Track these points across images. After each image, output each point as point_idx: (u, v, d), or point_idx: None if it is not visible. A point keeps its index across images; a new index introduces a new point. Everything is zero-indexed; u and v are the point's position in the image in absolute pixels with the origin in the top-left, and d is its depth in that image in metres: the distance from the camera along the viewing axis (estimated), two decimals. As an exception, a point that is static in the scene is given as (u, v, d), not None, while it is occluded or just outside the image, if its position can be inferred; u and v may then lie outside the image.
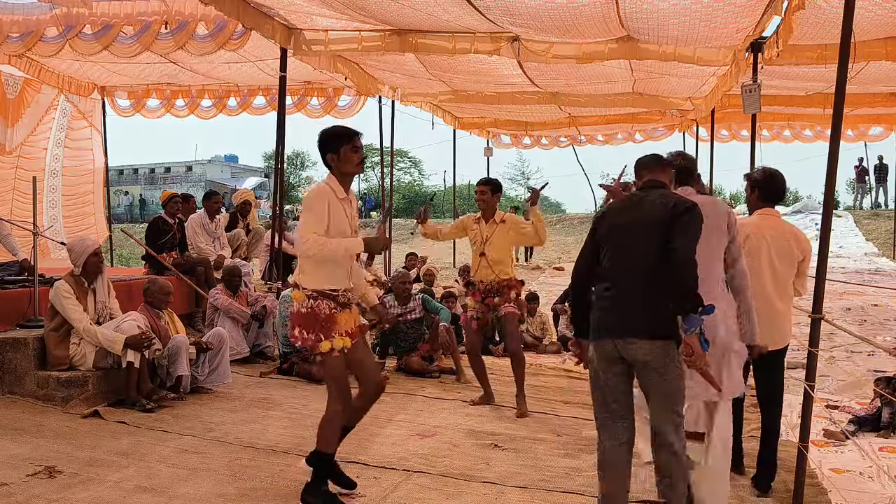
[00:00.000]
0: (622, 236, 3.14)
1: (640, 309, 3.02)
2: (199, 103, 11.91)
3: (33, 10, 8.38)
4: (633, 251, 3.09)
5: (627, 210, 3.22)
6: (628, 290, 3.06)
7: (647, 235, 3.06)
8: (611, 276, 3.14)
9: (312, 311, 3.53)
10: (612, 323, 3.08)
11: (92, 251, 5.46)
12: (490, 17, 6.87)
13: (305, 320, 3.54)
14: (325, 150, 3.60)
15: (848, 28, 3.45)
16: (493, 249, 5.59)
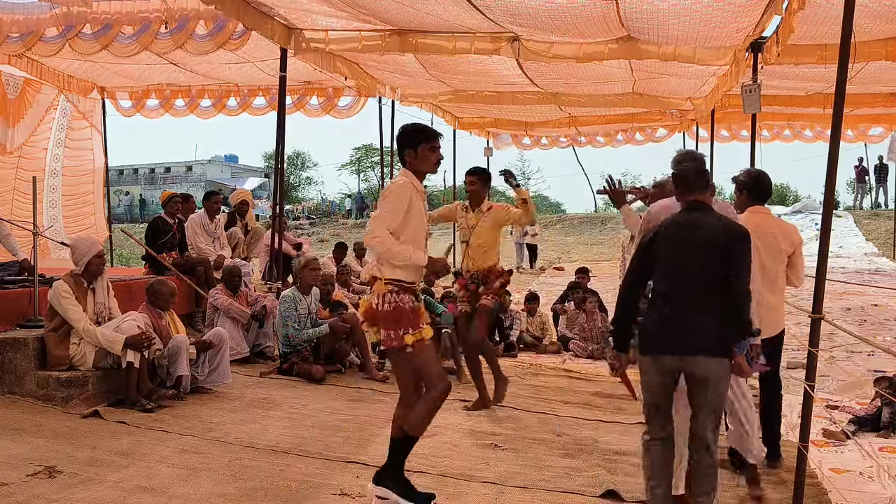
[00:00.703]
0: (683, 255, 3.27)
1: (705, 328, 3.20)
2: (198, 103, 11.91)
3: (33, 10, 8.38)
4: (695, 271, 3.25)
5: (686, 230, 3.32)
6: (691, 308, 3.23)
7: (709, 257, 3.23)
8: (671, 293, 3.29)
9: (398, 307, 3.51)
10: (674, 339, 3.23)
11: (95, 252, 5.47)
12: (490, 16, 6.87)
13: (393, 318, 3.50)
14: (404, 145, 3.63)
15: (848, 28, 3.45)
16: (477, 238, 5.57)
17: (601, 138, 15.99)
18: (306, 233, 26.11)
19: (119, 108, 12.28)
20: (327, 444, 4.57)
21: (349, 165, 47.49)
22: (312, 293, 6.86)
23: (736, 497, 3.91)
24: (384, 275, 3.52)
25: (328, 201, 42.85)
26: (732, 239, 3.24)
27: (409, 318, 3.52)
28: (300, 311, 6.62)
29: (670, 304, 3.26)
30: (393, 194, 3.53)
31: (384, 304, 3.51)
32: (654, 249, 3.37)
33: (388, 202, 3.52)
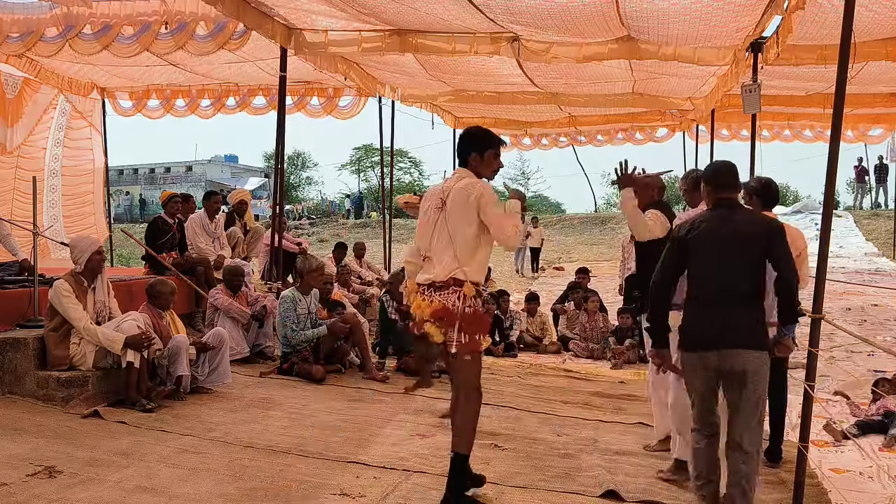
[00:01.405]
0: (723, 252, 3.34)
1: (745, 322, 3.30)
2: (199, 103, 11.91)
3: (33, 10, 8.39)
4: (736, 267, 3.33)
5: (722, 227, 3.39)
6: (733, 303, 3.31)
7: (748, 251, 3.33)
8: (710, 289, 3.36)
9: (477, 311, 3.55)
10: (715, 335, 3.31)
11: (95, 249, 5.47)
12: (490, 15, 6.88)
13: (473, 321, 3.52)
14: (471, 147, 3.66)
15: (848, 28, 3.45)
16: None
17: (601, 137, 15.98)
18: (306, 233, 26.12)
19: (119, 108, 12.28)
20: (327, 444, 4.57)
21: (349, 165, 47.52)
22: (312, 293, 6.86)
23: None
24: (470, 277, 3.53)
25: (328, 201, 42.90)
26: (772, 232, 3.35)
27: (486, 324, 3.61)
28: (299, 312, 6.63)
29: (710, 300, 3.35)
30: (493, 195, 3.56)
31: (465, 307, 3.50)
32: (688, 247, 3.43)
33: (495, 203, 3.55)
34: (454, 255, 3.55)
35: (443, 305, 3.52)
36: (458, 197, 3.58)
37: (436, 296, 3.56)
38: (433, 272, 3.61)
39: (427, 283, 3.62)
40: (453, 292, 3.52)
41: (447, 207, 3.61)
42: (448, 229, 3.59)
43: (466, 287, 3.51)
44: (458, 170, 3.73)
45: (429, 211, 3.71)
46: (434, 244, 3.64)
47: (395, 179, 24.00)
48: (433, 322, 3.54)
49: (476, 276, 3.56)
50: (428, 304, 3.57)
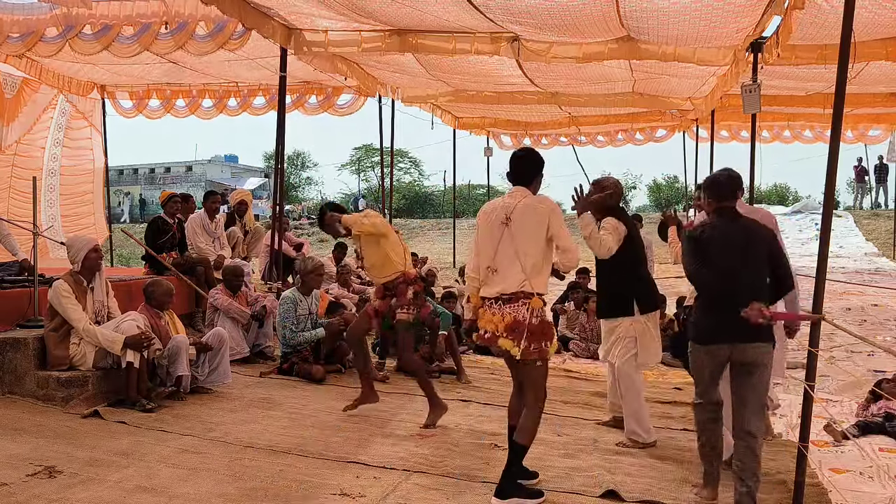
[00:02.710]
0: (735, 255, 3.64)
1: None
2: (199, 103, 11.92)
3: (33, 10, 8.38)
4: (748, 267, 3.65)
5: (732, 232, 3.72)
6: (745, 301, 3.50)
7: (758, 253, 3.68)
8: (723, 290, 3.64)
9: (543, 320, 3.73)
10: (730, 329, 3.58)
11: (91, 247, 5.47)
12: (490, 15, 6.87)
13: (541, 330, 3.71)
14: (535, 170, 3.94)
15: (848, 28, 3.45)
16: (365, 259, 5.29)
17: (602, 138, 15.99)
18: (306, 233, 26.10)
19: (120, 108, 12.28)
20: (327, 444, 4.57)
21: (349, 165, 47.50)
22: (313, 294, 6.86)
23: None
24: (536, 290, 3.72)
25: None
26: (771, 238, 3.75)
27: (552, 332, 3.78)
28: (300, 313, 6.62)
29: (723, 299, 3.61)
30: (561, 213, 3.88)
31: (533, 318, 3.70)
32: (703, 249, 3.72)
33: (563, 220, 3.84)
34: (521, 268, 3.74)
35: (513, 318, 3.71)
36: (526, 213, 3.78)
37: (506, 309, 3.75)
38: (501, 286, 3.78)
39: (495, 297, 3.80)
40: (522, 305, 3.72)
41: (513, 223, 3.79)
42: (514, 244, 3.77)
43: (534, 300, 3.72)
44: (517, 189, 3.92)
45: (492, 227, 3.88)
46: (499, 259, 3.82)
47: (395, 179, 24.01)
48: (506, 336, 3.73)
49: (542, 288, 3.78)
50: (500, 319, 3.76)
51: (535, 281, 3.73)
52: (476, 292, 3.97)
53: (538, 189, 3.96)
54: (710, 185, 3.88)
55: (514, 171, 3.96)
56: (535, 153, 4.04)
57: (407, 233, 23.60)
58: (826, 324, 3.56)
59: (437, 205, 38.96)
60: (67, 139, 12.21)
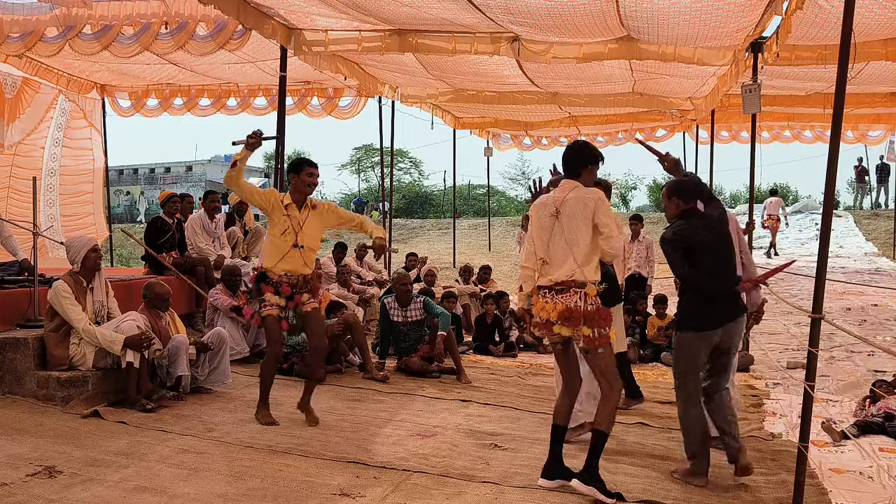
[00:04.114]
0: (719, 250, 4.09)
1: (738, 300, 4.21)
2: (198, 103, 11.92)
3: (33, 11, 8.40)
4: (728, 259, 4.16)
5: (710, 229, 4.12)
6: (730, 288, 4.11)
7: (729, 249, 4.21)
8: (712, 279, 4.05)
9: (599, 307, 3.80)
10: (721, 314, 4.07)
11: (91, 246, 5.46)
12: (490, 15, 6.88)
13: (597, 316, 3.79)
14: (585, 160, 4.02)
15: (848, 28, 3.45)
16: (307, 239, 4.99)
17: (602, 138, 16.00)
18: (306, 233, 26.08)
19: (118, 108, 12.28)
20: (327, 444, 4.57)
21: (349, 165, 47.50)
22: (313, 294, 6.85)
23: (737, 498, 3.91)
24: (588, 278, 3.83)
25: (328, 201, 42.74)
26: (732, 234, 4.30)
27: (610, 317, 3.84)
28: None
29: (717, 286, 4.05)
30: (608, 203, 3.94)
31: (587, 305, 3.79)
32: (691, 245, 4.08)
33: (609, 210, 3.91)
34: (572, 258, 3.86)
35: (566, 306, 3.80)
36: (575, 205, 3.89)
37: (559, 298, 3.85)
38: (553, 275, 3.89)
39: (548, 286, 3.90)
40: (575, 293, 3.81)
41: (562, 215, 3.91)
42: (565, 235, 3.89)
43: (589, 287, 3.81)
44: (566, 181, 4.02)
45: (542, 219, 4.00)
46: (551, 250, 3.93)
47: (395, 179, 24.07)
48: (561, 323, 3.82)
49: (594, 276, 3.86)
50: (553, 307, 3.85)
51: (587, 269, 3.84)
52: (528, 283, 4.09)
53: (590, 181, 4.02)
54: (679, 188, 4.22)
55: (564, 163, 4.09)
56: (587, 145, 4.15)
57: (407, 233, 23.60)
58: (826, 324, 3.56)
59: (437, 205, 38.98)
60: (67, 139, 12.21)
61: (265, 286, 4.96)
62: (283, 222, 4.91)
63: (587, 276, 3.83)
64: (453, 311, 8.52)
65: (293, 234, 4.91)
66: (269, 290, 4.95)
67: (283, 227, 4.91)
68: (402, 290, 7.13)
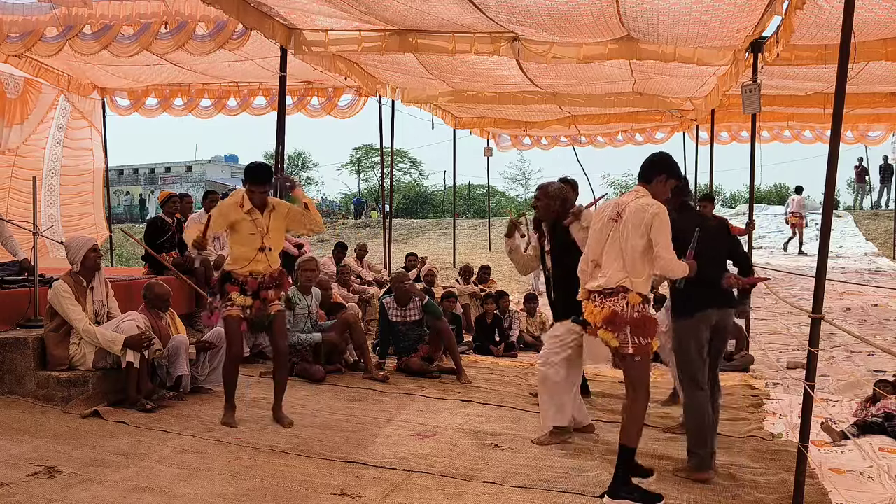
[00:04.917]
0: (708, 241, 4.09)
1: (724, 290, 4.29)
2: (198, 103, 11.92)
3: (33, 11, 8.40)
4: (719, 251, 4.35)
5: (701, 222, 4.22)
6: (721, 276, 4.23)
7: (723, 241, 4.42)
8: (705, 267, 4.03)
9: (645, 316, 3.79)
10: (717, 299, 4.21)
11: (90, 246, 5.46)
12: (490, 15, 6.88)
13: (643, 325, 3.77)
14: (660, 170, 3.96)
15: (848, 28, 3.45)
16: (273, 241, 4.97)
17: (601, 138, 16.01)
18: (306, 233, 26.09)
19: (116, 106, 12.27)
20: (327, 444, 4.57)
21: (349, 165, 47.53)
22: (313, 294, 6.86)
23: (735, 497, 3.91)
24: (636, 288, 3.80)
25: (328, 201, 42.86)
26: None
27: (655, 327, 3.85)
28: (298, 311, 6.62)
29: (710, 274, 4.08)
30: (667, 219, 3.81)
31: (633, 313, 3.77)
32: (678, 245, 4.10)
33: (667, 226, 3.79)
34: (623, 265, 3.82)
35: (612, 311, 3.78)
36: (635, 212, 3.83)
37: (606, 302, 3.82)
38: (603, 279, 3.87)
39: (598, 290, 3.88)
40: (622, 298, 3.79)
41: (622, 220, 3.86)
42: (620, 241, 3.85)
43: (632, 296, 3.78)
44: (637, 187, 3.98)
45: (602, 223, 3.96)
46: (605, 253, 3.91)
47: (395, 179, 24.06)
48: (605, 328, 3.80)
49: (643, 287, 3.82)
50: (599, 311, 3.83)
51: (637, 279, 3.80)
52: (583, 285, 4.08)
53: (663, 193, 3.95)
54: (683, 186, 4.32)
55: (641, 168, 4.06)
56: (667, 157, 4.08)
57: (407, 233, 23.60)
58: (826, 324, 3.56)
59: (437, 205, 38.99)
60: (68, 139, 12.20)
61: (230, 286, 4.94)
62: (249, 227, 4.88)
63: (635, 286, 3.78)
64: (453, 311, 8.52)
65: (260, 238, 4.89)
66: (234, 289, 4.92)
67: (249, 231, 4.89)
68: (401, 289, 7.13)
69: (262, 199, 4.92)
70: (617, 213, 3.89)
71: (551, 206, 4.98)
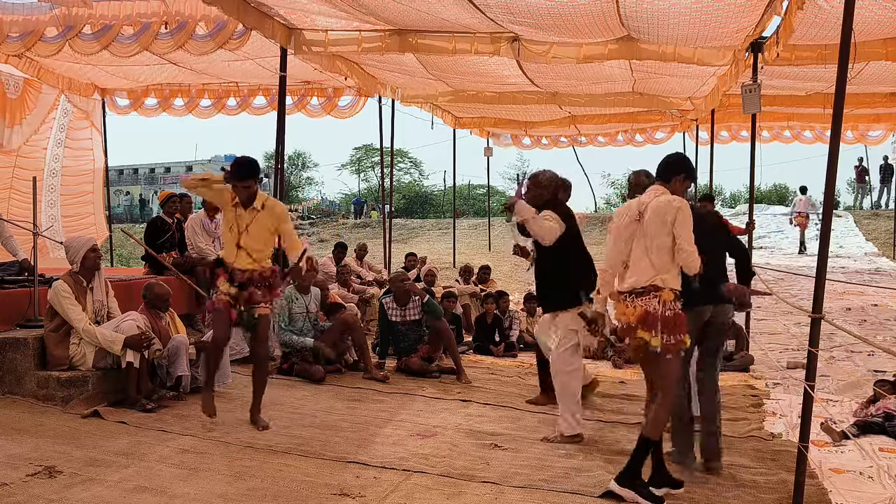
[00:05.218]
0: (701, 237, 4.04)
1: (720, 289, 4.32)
2: (198, 103, 11.90)
3: (33, 10, 8.39)
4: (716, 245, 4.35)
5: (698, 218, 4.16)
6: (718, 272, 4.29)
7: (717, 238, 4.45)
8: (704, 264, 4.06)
9: (677, 313, 3.82)
10: (714, 295, 4.23)
11: (90, 246, 5.47)
12: (490, 15, 6.88)
13: (675, 322, 3.79)
14: (680, 170, 4.03)
15: (848, 28, 3.45)
16: (250, 241, 4.85)
17: (602, 138, 16.00)
18: (306, 233, 26.11)
19: (115, 106, 12.26)
20: (327, 444, 4.57)
21: (349, 165, 47.53)
22: (312, 294, 6.86)
23: (738, 499, 3.91)
24: (668, 285, 3.84)
25: (328, 201, 42.90)
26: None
27: (685, 325, 3.86)
28: (295, 311, 6.62)
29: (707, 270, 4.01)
30: (690, 214, 3.88)
31: (665, 311, 3.80)
32: None
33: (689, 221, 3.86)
34: (651, 263, 3.87)
35: (644, 310, 3.82)
36: (658, 210, 3.89)
37: (637, 301, 3.86)
38: (633, 279, 3.91)
39: (628, 291, 3.91)
40: (654, 297, 3.82)
41: (645, 219, 3.92)
42: (645, 240, 3.90)
43: (665, 293, 3.81)
44: (655, 186, 4.04)
45: (625, 223, 4.02)
46: (632, 254, 3.96)
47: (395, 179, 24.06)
48: (641, 327, 3.83)
49: (674, 283, 3.87)
50: (633, 311, 3.86)
51: (666, 276, 3.84)
52: (606, 287, 4.12)
53: (681, 192, 4.02)
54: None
55: (659, 168, 4.11)
56: (686, 158, 4.20)
57: (407, 233, 23.60)
58: (826, 324, 3.56)
59: (437, 205, 38.99)
60: (69, 139, 12.19)
61: (221, 270, 4.93)
62: (230, 220, 4.89)
63: (666, 283, 3.83)
64: (453, 311, 8.52)
65: (237, 235, 4.86)
66: (223, 275, 4.90)
67: (229, 225, 4.90)
68: (400, 289, 7.12)
69: (248, 195, 4.80)
70: (639, 213, 3.96)
71: (542, 195, 5.05)
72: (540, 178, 5.13)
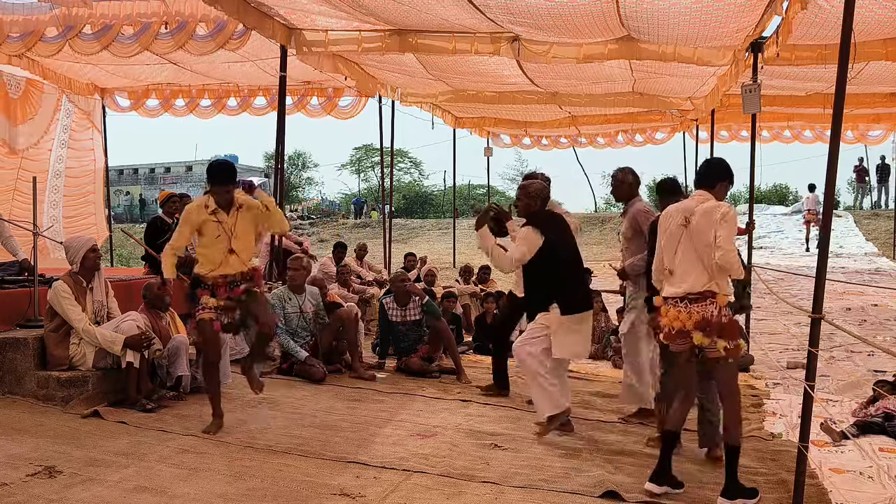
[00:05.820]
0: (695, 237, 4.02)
1: None
2: (198, 103, 11.92)
3: (33, 10, 8.40)
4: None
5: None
6: None
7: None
8: None
9: (732, 319, 3.86)
10: None
11: (90, 247, 5.47)
12: (490, 15, 6.88)
13: (731, 327, 3.82)
14: (724, 176, 4.06)
15: (848, 28, 3.45)
16: (241, 243, 4.81)
17: (601, 139, 16.00)
18: (306, 232, 26.12)
19: (118, 106, 12.27)
20: (327, 444, 4.57)
21: (349, 165, 47.53)
22: (307, 293, 6.83)
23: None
24: (722, 290, 3.86)
25: (328, 201, 42.91)
26: None
27: (737, 329, 3.89)
28: (289, 311, 6.62)
29: None
30: (736, 219, 3.94)
31: (722, 316, 3.81)
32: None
33: (735, 226, 3.89)
34: (703, 268, 3.87)
35: (702, 317, 3.82)
36: (705, 214, 3.90)
37: (693, 307, 3.85)
38: (685, 285, 3.90)
39: (681, 296, 3.91)
40: (710, 303, 3.83)
41: (692, 225, 3.92)
42: (693, 245, 3.90)
43: (719, 298, 3.84)
44: (699, 192, 4.05)
45: (671, 229, 4.03)
46: (679, 260, 3.96)
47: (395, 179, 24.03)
48: (699, 331, 3.82)
49: (727, 288, 3.90)
50: (688, 317, 3.85)
51: (721, 280, 3.86)
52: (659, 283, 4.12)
53: (723, 196, 4.06)
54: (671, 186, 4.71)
55: (699, 173, 4.15)
56: (725, 162, 4.18)
57: (407, 233, 23.61)
58: (826, 324, 3.56)
59: (437, 205, 38.99)
60: (71, 140, 12.21)
61: (200, 291, 4.83)
62: (214, 229, 4.74)
63: (721, 288, 3.85)
64: (453, 311, 8.52)
65: (227, 240, 4.75)
66: (204, 293, 4.82)
67: (215, 234, 4.75)
68: (400, 289, 7.12)
69: (227, 199, 4.75)
70: (685, 219, 3.96)
71: (531, 205, 5.05)
72: (530, 189, 5.07)
